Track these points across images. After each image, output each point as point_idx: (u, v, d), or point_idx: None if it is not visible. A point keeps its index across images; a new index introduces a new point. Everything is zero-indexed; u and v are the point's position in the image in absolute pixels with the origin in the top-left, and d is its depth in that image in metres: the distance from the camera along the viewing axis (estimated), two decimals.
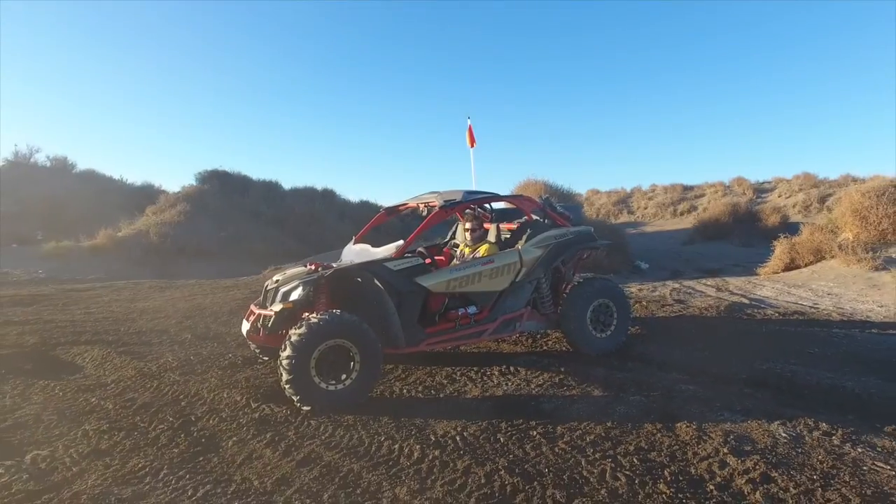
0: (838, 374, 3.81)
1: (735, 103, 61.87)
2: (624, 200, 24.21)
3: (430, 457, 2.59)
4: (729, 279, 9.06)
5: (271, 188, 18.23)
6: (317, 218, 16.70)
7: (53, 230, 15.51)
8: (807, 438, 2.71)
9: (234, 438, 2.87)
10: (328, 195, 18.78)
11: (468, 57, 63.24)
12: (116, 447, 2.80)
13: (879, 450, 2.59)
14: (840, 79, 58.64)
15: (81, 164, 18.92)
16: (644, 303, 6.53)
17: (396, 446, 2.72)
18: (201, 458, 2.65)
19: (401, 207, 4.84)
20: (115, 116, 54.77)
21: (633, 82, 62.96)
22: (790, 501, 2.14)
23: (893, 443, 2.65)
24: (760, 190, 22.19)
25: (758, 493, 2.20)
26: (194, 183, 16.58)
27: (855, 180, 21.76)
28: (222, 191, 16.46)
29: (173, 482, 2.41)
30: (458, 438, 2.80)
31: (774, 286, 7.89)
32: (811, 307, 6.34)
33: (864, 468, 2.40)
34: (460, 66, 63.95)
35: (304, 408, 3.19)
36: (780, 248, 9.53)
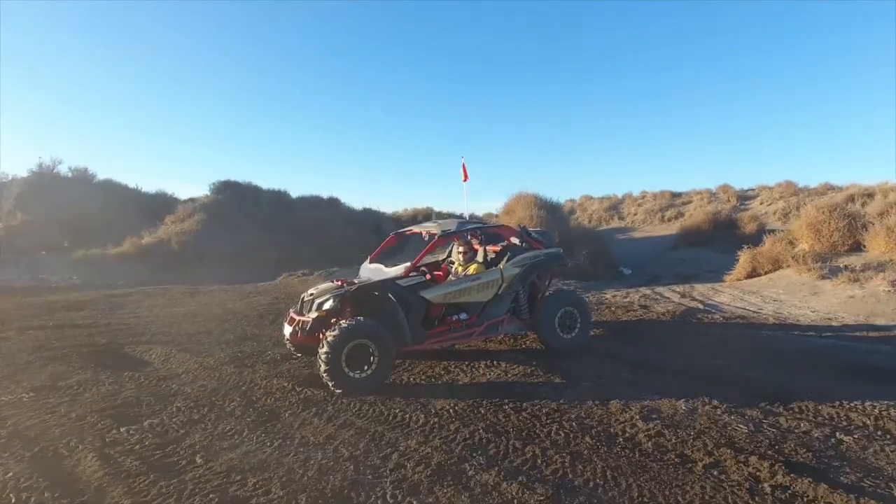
0: (748, 366, 4.90)
1: (730, 107, 63.01)
2: (615, 206, 25.31)
3: (431, 422, 3.68)
4: (696, 285, 10.15)
5: (280, 197, 19.35)
6: (324, 225, 17.81)
7: (78, 238, 16.58)
8: (699, 410, 3.81)
9: (289, 412, 3.96)
10: (333, 203, 19.93)
11: (466, 61, 64.33)
12: (205, 417, 3.89)
13: (747, 417, 3.68)
14: (828, 85, 59.77)
15: (100, 173, 19.94)
16: (612, 308, 7.62)
17: (407, 416, 3.81)
18: (269, 424, 3.73)
19: (407, 232, 5.93)
20: (126, 125, 55.85)
21: (632, 84, 64.06)
22: (669, 447, 3.23)
23: (759, 412, 3.75)
24: (744, 197, 23.30)
25: (650, 442, 3.29)
26: (208, 193, 17.67)
27: (832, 188, 22.86)
28: (235, 200, 17.56)
29: (255, 438, 3.49)
30: (451, 410, 3.89)
31: (732, 293, 8.99)
32: (754, 312, 7.43)
33: (729, 428, 3.49)
34: (457, 72, 65.04)
35: (337, 391, 4.27)
36: (744, 257, 10.63)
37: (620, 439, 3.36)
